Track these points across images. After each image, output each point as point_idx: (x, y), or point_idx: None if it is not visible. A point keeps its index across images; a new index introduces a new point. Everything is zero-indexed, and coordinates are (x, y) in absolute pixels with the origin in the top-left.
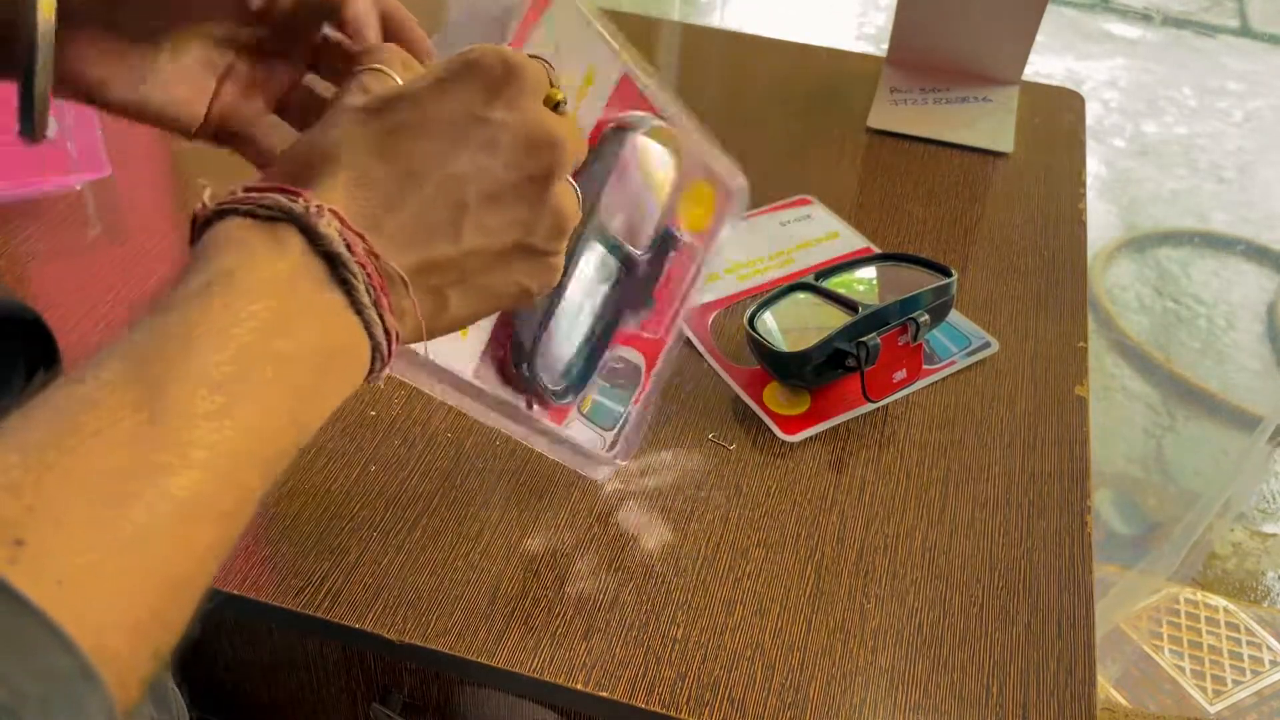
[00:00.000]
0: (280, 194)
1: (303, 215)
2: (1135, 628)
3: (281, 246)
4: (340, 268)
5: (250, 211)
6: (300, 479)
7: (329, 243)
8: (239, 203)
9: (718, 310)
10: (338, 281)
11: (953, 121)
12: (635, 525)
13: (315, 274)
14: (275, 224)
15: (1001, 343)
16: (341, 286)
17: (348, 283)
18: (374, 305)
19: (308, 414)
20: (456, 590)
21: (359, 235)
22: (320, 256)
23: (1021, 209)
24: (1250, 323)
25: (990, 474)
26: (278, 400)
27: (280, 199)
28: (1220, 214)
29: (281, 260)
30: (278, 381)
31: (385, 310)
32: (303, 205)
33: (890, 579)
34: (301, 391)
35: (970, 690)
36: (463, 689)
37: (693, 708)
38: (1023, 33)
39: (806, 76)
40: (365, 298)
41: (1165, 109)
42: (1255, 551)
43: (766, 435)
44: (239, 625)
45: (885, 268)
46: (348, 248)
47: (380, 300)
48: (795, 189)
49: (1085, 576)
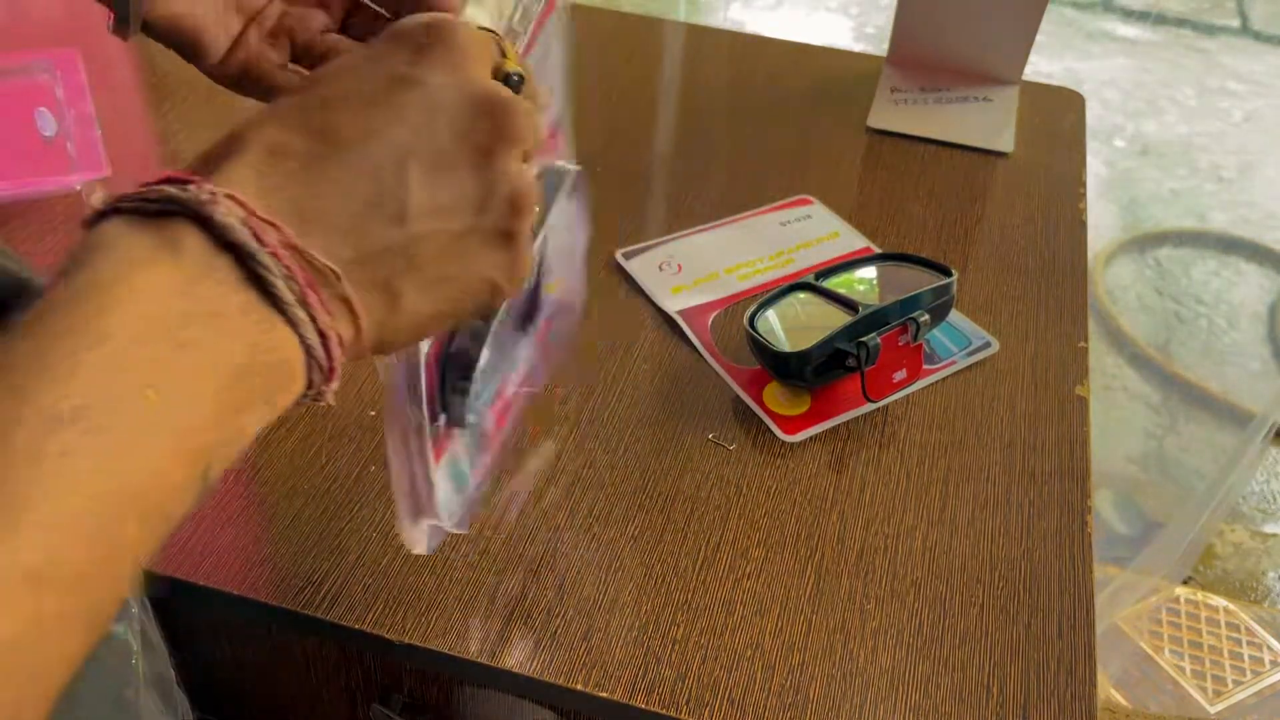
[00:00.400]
0: (170, 184)
1: (192, 203)
2: (1135, 628)
3: (172, 246)
4: (249, 260)
5: (135, 209)
6: (300, 479)
7: (229, 232)
8: (121, 200)
9: (718, 310)
10: (251, 280)
11: (953, 121)
12: (635, 525)
13: (220, 274)
14: (165, 220)
15: (1002, 343)
16: (256, 285)
17: (262, 279)
18: (299, 303)
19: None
20: (456, 590)
21: (269, 223)
22: (226, 252)
23: (1021, 209)
24: (1250, 323)
25: (990, 474)
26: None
27: (169, 189)
28: (1220, 214)
29: (170, 262)
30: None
31: (315, 308)
32: (194, 192)
33: (890, 579)
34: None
35: (970, 690)
36: (463, 689)
37: (693, 708)
38: (1023, 33)
39: (806, 76)
40: (287, 294)
41: (1165, 109)
42: (1255, 551)
43: (766, 435)
44: (239, 625)
45: (885, 268)
46: (256, 238)
47: (307, 297)
48: (795, 189)
49: (1085, 576)
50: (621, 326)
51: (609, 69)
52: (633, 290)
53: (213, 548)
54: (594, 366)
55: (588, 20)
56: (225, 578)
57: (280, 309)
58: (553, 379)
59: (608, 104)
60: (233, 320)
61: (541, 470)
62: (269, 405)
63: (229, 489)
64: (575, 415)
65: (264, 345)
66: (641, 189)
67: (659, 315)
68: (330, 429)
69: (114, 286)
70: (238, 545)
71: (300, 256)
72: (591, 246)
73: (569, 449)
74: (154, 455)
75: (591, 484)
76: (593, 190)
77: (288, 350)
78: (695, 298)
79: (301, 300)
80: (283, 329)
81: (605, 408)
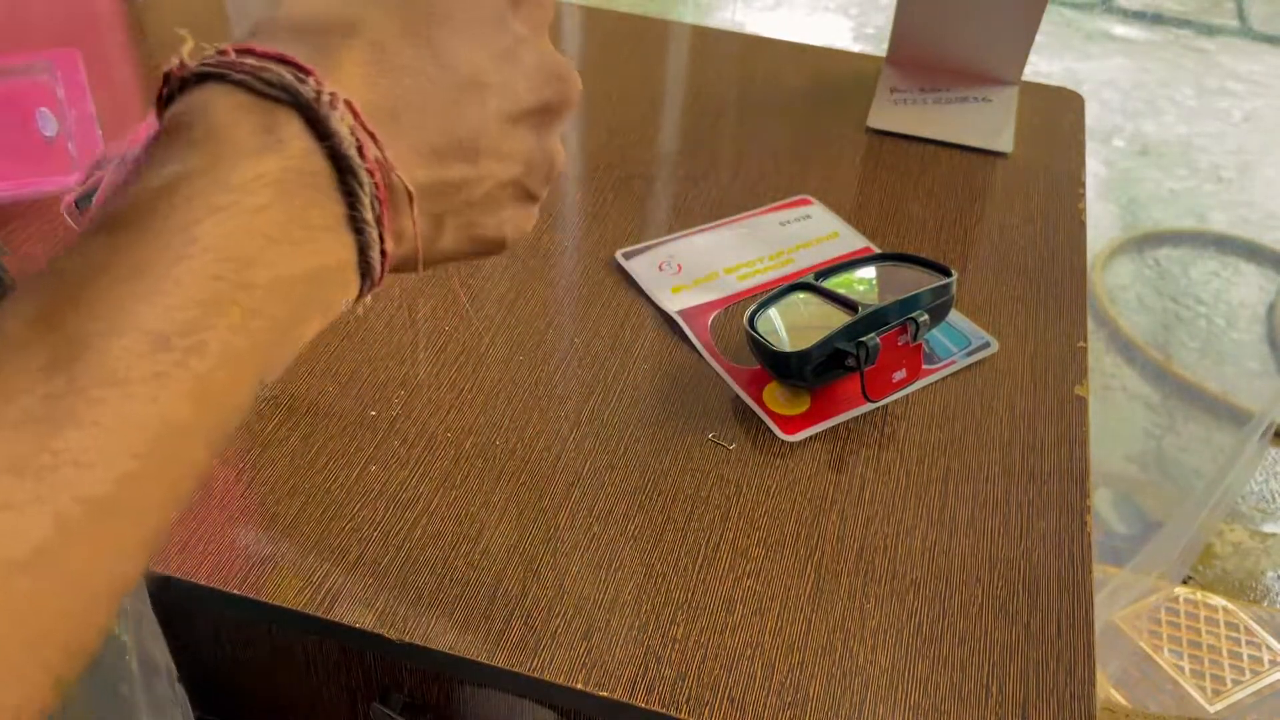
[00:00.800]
0: (286, 66)
1: (312, 103)
2: (1134, 627)
3: (278, 139)
4: (347, 175)
5: (244, 83)
6: (300, 479)
7: (340, 143)
8: (230, 68)
9: (718, 310)
10: (341, 192)
11: (953, 121)
12: (635, 525)
13: (316, 180)
14: (275, 107)
15: (1001, 343)
16: (345, 195)
17: (353, 194)
18: (376, 223)
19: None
20: (456, 590)
21: (371, 135)
22: (326, 157)
23: (1021, 209)
24: (1250, 323)
25: (990, 474)
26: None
27: (286, 75)
28: (1220, 214)
29: (274, 158)
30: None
31: (386, 229)
32: (313, 89)
33: (890, 578)
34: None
35: (970, 690)
36: (463, 689)
37: (693, 707)
38: (1023, 33)
39: (806, 76)
40: (369, 214)
41: (1165, 109)
42: (1255, 551)
43: (766, 435)
44: (239, 625)
45: (885, 267)
46: (359, 151)
47: (383, 216)
48: (795, 189)
49: (1085, 576)
50: (621, 326)
51: (609, 69)
52: (633, 290)
53: (213, 548)
54: (594, 366)
55: (588, 20)
56: (225, 578)
57: (357, 227)
58: (557, 379)
59: (607, 104)
60: (317, 235)
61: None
62: (324, 318)
63: (229, 489)
64: (575, 415)
65: (335, 260)
66: (641, 189)
67: (659, 315)
68: (330, 429)
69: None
70: (238, 545)
71: (386, 173)
72: (592, 246)
73: (569, 449)
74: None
75: (591, 484)
76: (593, 190)
77: (349, 261)
78: (695, 298)
79: (378, 220)
80: (350, 245)
81: (605, 408)
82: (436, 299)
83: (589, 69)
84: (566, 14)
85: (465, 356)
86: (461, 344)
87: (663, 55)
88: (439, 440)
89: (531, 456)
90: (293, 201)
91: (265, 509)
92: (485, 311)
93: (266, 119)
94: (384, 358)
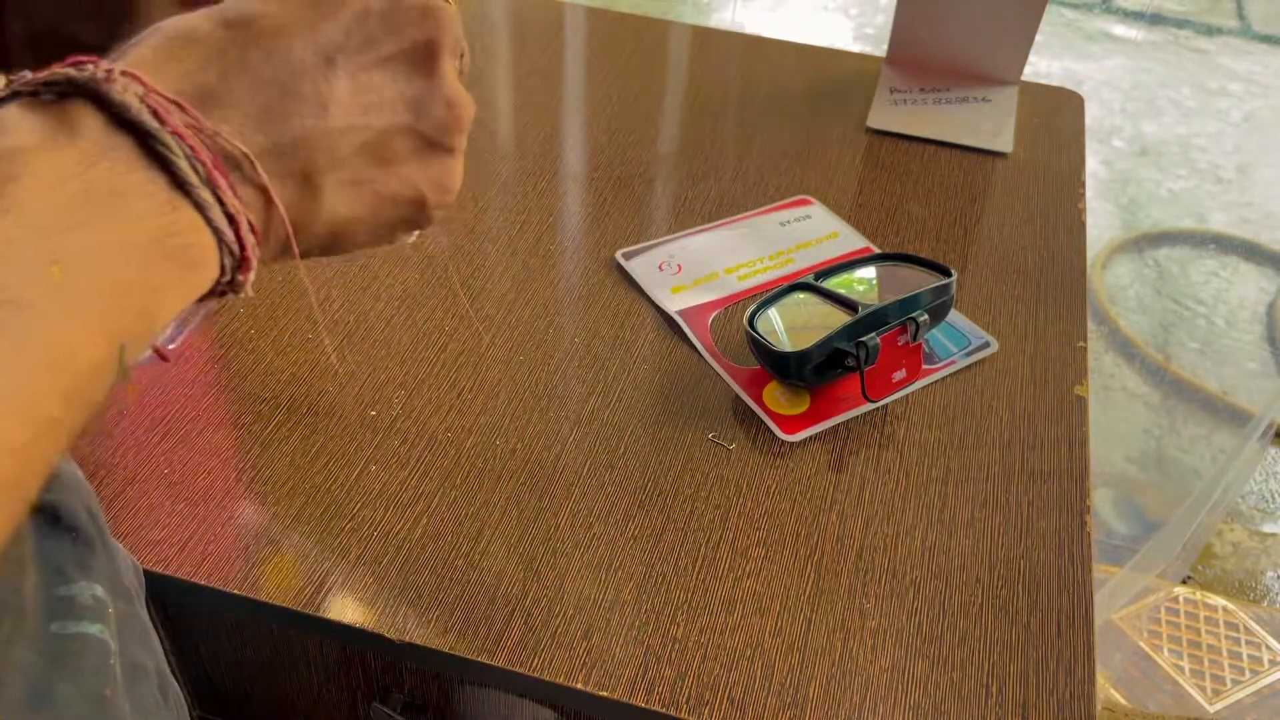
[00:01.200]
0: (70, 68)
1: (89, 81)
2: (1134, 627)
3: (71, 128)
4: (150, 139)
5: (32, 92)
6: (300, 479)
7: (126, 110)
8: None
9: (718, 310)
10: (154, 160)
11: (952, 121)
12: (635, 525)
13: (123, 154)
14: (64, 103)
15: (1001, 343)
16: (159, 164)
17: (164, 158)
18: (206, 184)
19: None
20: (456, 590)
21: (173, 102)
22: (126, 132)
23: (1021, 209)
24: (1250, 323)
25: (990, 474)
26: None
27: (68, 71)
28: (1220, 214)
29: (70, 144)
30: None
31: (224, 190)
32: (90, 71)
33: (890, 578)
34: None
35: (970, 690)
36: (463, 689)
37: (693, 707)
38: (1022, 33)
39: (806, 76)
40: (190, 174)
41: (1165, 109)
42: (1254, 551)
43: (766, 435)
44: (239, 625)
45: (885, 268)
46: (156, 116)
47: (214, 178)
48: (795, 189)
49: (1084, 576)
50: (621, 326)
51: (609, 69)
52: (633, 290)
53: (213, 548)
54: (594, 366)
55: (588, 20)
56: (225, 578)
57: (184, 190)
58: (557, 379)
59: (607, 104)
60: (133, 200)
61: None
62: (180, 288)
63: (229, 488)
64: (575, 415)
65: (169, 226)
66: (641, 189)
67: (659, 315)
68: (330, 429)
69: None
70: (238, 545)
71: (206, 138)
72: (592, 246)
73: (569, 449)
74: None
75: (591, 484)
76: (593, 191)
77: (196, 233)
78: (695, 298)
79: (208, 181)
80: (189, 211)
81: (605, 408)
82: (436, 299)
83: (589, 69)
84: (567, 14)
85: (465, 356)
86: (461, 344)
87: (663, 55)
88: (439, 440)
89: (531, 456)
90: (97, 176)
91: (265, 509)
92: (485, 311)
93: (59, 115)
94: (384, 358)
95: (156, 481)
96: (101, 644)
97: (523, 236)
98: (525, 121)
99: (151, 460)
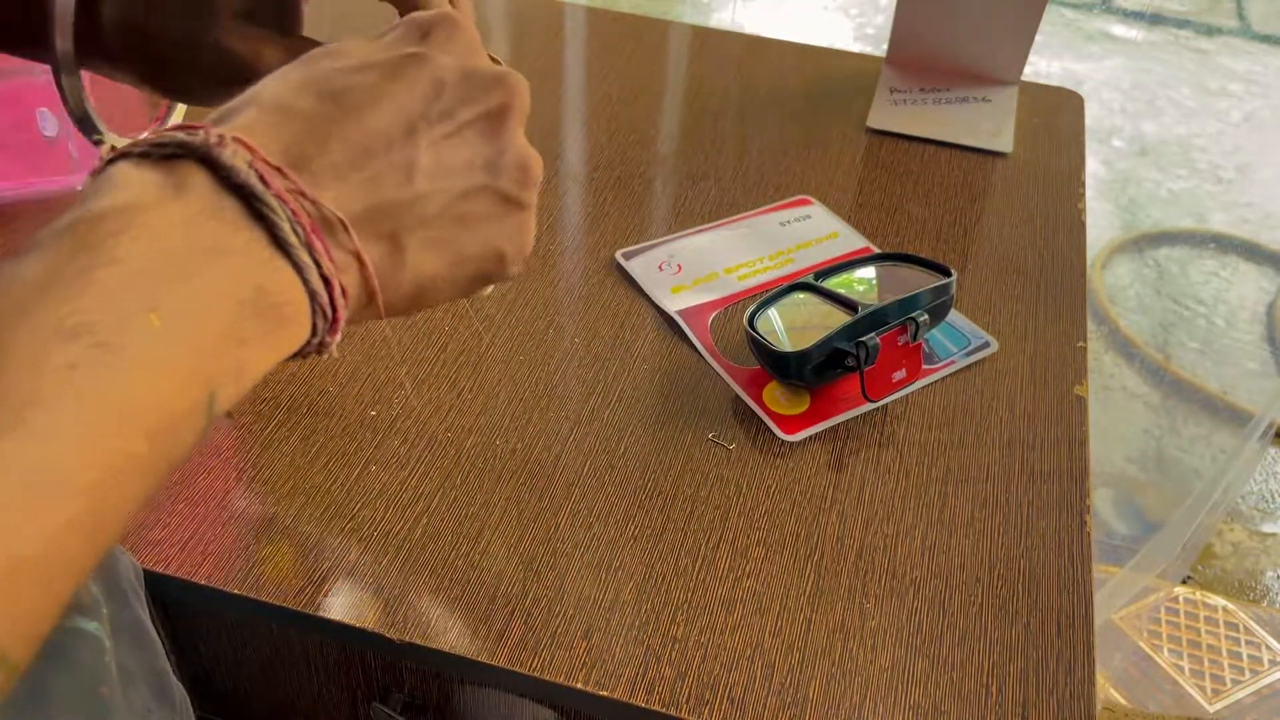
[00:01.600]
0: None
1: (201, 146)
2: (1134, 627)
3: (180, 186)
4: (254, 201)
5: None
6: (300, 479)
7: (235, 174)
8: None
9: (718, 310)
10: (257, 221)
11: (952, 121)
12: (635, 525)
13: (226, 214)
14: (173, 163)
15: (1001, 343)
16: (262, 226)
17: (267, 219)
18: (305, 245)
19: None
20: (456, 590)
21: (277, 169)
22: (233, 193)
23: (1021, 209)
24: (1250, 323)
25: (990, 474)
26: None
27: (179, 135)
28: (1220, 214)
29: (179, 200)
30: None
31: (320, 254)
32: (202, 136)
33: (890, 578)
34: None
35: (970, 689)
36: (463, 689)
37: (693, 707)
38: (1022, 33)
39: (806, 76)
40: (291, 236)
41: (1165, 109)
42: (1254, 551)
43: (766, 435)
44: (239, 625)
45: (885, 267)
46: (262, 180)
47: (312, 242)
48: (795, 189)
49: (1084, 576)
50: (621, 326)
51: (609, 69)
52: (633, 290)
53: (213, 548)
54: (594, 366)
55: (588, 20)
56: (225, 578)
57: (285, 251)
58: (557, 379)
59: (607, 104)
60: (236, 257)
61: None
62: (272, 345)
63: (229, 488)
64: (575, 415)
65: (268, 285)
66: (641, 189)
67: (659, 315)
68: (330, 429)
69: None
70: (238, 545)
71: (307, 202)
72: (592, 246)
73: (569, 449)
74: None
75: (591, 484)
76: (593, 190)
77: (292, 293)
78: (695, 298)
79: (307, 244)
80: (288, 272)
81: (605, 408)
82: None
83: (589, 69)
84: (567, 14)
85: (465, 356)
86: (461, 344)
87: (663, 55)
88: (439, 440)
89: (531, 456)
90: (203, 232)
91: (265, 509)
92: (485, 311)
93: (170, 174)
94: (384, 358)
95: None
96: (97, 641)
97: None
98: (525, 121)
99: None
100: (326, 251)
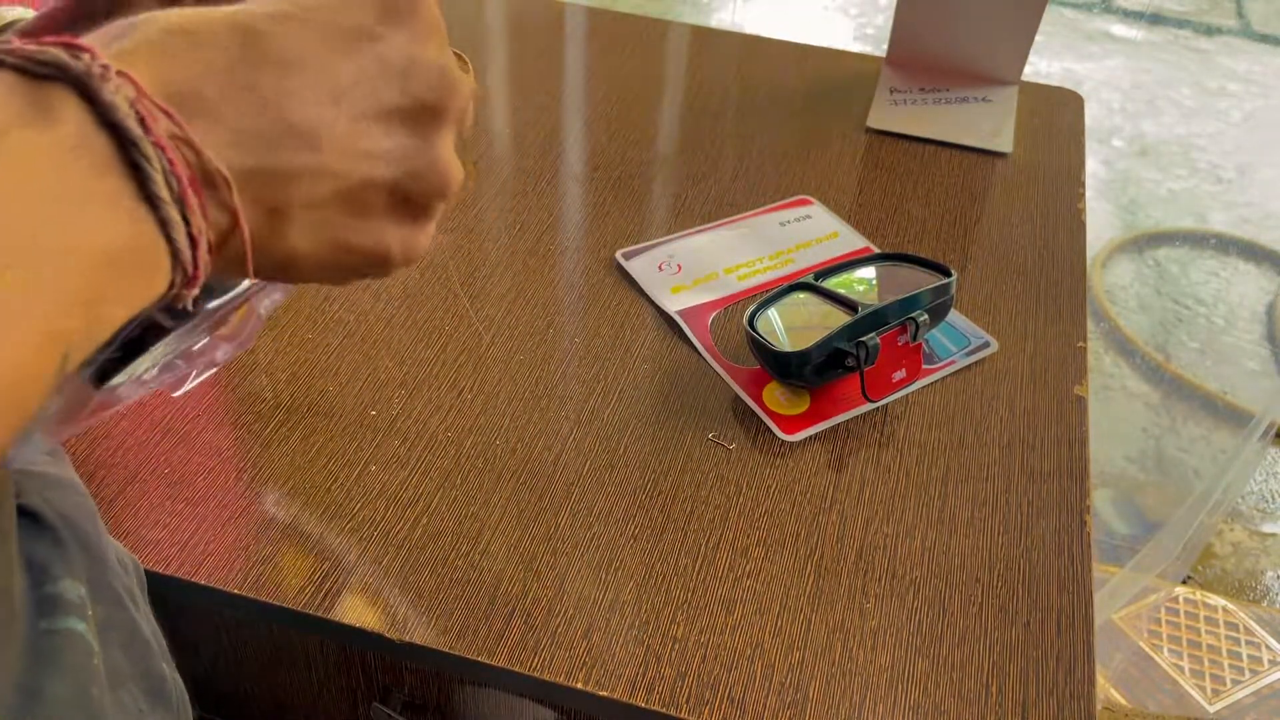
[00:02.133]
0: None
1: (82, 75)
2: (1134, 627)
3: (49, 115)
4: (129, 146)
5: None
6: (300, 479)
7: (113, 111)
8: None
9: (718, 310)
10: (128, 166)
11: (952, 121)
12: (635, 525)
13: (97, 153)
14: (46, 85)
15: (1001, 343)
16: (133, 173)
17: (140, 169)
18: (176, 201)
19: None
20: (456, 590)
21: (163, 110)
22: (106, 131)
23: (1021, 209)
24: (1249, 323)
25: (990, 474)
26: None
27: (59, 53)
28: (1219, 214)
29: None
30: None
31: (192, 210)
32: (86, 62)
33: (890, 578)
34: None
35: (970, 689)
36: (463, 688)
37: (693, 707)
38: (1022, 33)
39: (806, 77)
40: (163, 190)
41: (1164, 109)
42: (1254, 551)
43: (766, 435)
44: (239, 625)
45: (885, 267)
46: (141, 123)
47: (186, 196)
48: (795, 189)
49: (1084, 576)
50: (621, 326)
51: (609, 69)
52: (633, 290)
53: (213, 548)
54: (594, 366)
55: (588, 20)
56: (225, 578)
57: (152, 204)
58: (557, 379)
59: (607, 104)
60: (99, 207)
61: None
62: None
63: (229, 488)
64: (575, 415)
65: (129, 241)
66: (641, 189)
67: (659, 315)
68: (330, 429)
69: None
70: (238, 545)
71: (189, 150)
72: (592, 246)
73: (569, 449)
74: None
75: (591, 484)
76: (593, 191)
77: (154, 248)
78: (695, 298)
79: (179, 199)
80: (151, 225)
81: (605, 408)
82: (436, 299)
83: (589, 69)
84: (567, 14)
85: (465, 356)
86: (461, 344)
87: (663, 55)
88: (439, 440)
89: (531, 456)
90: (67, 172)
91: (265, 509)
92: (485, 311)
93: (40, 97)
94: (384, 358)
95: (156, 481)
96: (85, 641)
97: (523, 236)
98: (525, 121)
99: (151, 460)
100: (201, 208)
